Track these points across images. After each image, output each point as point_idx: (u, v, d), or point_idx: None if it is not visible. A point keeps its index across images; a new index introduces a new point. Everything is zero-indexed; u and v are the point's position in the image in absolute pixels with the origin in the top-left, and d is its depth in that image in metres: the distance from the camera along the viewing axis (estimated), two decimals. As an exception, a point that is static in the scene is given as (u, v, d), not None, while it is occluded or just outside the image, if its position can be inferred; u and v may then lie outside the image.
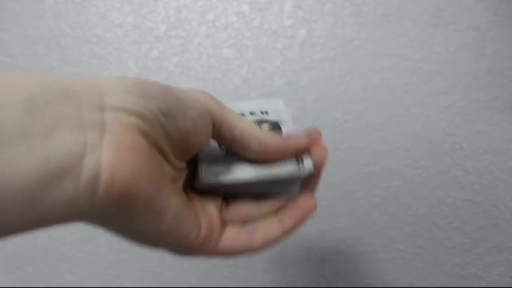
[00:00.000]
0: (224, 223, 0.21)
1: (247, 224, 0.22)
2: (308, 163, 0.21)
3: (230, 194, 0.22)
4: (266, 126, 0.23)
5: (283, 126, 0.23)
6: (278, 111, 0.24)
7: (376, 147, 0.44)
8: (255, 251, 0.21)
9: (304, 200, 0.23)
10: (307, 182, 0.23)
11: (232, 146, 0.21)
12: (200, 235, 0.19)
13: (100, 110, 0.15)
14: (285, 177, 0.21)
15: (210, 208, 0.21)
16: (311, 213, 0.22)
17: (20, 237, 0.46)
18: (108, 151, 0.14)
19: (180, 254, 0.20)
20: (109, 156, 0.14)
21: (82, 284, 0.44)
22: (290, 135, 0.22)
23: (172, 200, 0.17)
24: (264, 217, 0.22)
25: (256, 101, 0.25)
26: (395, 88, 0.45)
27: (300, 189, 0.23)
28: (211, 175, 0.21)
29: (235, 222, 0.22)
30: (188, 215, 0.19)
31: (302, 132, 0.22)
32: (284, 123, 0.24)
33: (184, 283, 0.47)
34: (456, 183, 0.43)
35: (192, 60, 0.47)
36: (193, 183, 0.21)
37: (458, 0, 0.45)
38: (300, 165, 0.21)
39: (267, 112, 0.24)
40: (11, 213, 0.13)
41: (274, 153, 0.21)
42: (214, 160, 0.22)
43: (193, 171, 0.22)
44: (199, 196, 0.21)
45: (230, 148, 0.21)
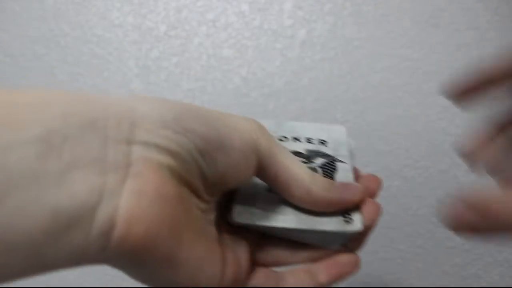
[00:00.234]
0: (254, 265, 0.19)
1: (277, 268, 0.20)
2: (358, 221, 0.19)
3: (266, 234, 0.20)
4: (319, 162, 0.20)
5: (339, 165, 0.21)
6: (338, 143, 0.22)
7: (376, 147, 0.44)
8: None
9: (346, 257, 0.20)
10: (352, 239, 0.20)
11: (275, 188, 0.19)
12: (225, 281, 0.17)
13: (128, 145, 0.13)
14: (329, 231, 0.19)
15: (241, 248, 0.19)
16: (352, 272, 0.20)
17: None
18: (127, 200, 0.13)
19: None
20: (127, 206, 0.13)
21: (82, 284, 0.44)
22: (344, 186, 0.19)
23: (195, 250, 0.15)
24: (296, 265, 0.20)
25: (317, 125, 0.22)
26: (395, 88, 0.45)
27: (342, 245, 0.20)
28: (245, 216, 0.19)
29: (265, 265, 0.20)
30: (212, 262, 0.16)
31: (357, 186, 0.19)
32: (341, 160, 0.21)
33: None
34: (456, 183, 0.43)
35: (192, 60, 0.47)
36: (227, 216, 0.19)
37: (458, 0, 0.45)
38: (348, 220, 0.19)
39: (325, 142, 0.21)
40: (9, 266, 0.11)
41: (323, 205, 0.18)
42: (252, 196, 0.19)
43: (230, 202, 0.20)
44: (232, 231, 0.19)
45: (273, 189, 0.19)
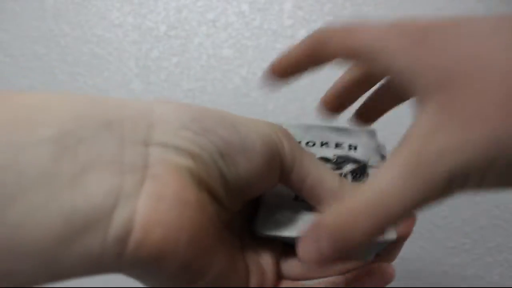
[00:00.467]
0: (280, 277, 0.18)
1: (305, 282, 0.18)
2: (391, 230, 0.17)
3: (292, 246, 0.19)
4: (349, 168, 0.19)
5: (370, 171, 0.19)
6: (369, 148, 0.20)
7: (376, 147, 0.44)
8: None
9: (381, 267, 0.18)
10: (384, 250, 0.19)
11: (301, 195, 0.18)
12: None
13: (145, 147, 0.13)
14: None
15: (266, 260, 0.18)
16: (387, 282, 0.18)
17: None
18: (145, 203, 0.12)
19: None
20: (145, 209, 0.12)
21: (82, 284, 0.44)
22: None
23: (217, 259, 0.14)
24: (326, 278, 0.18)
25: (347, 128, 0.21)
26: (395, 88, 0.45)
27: (374, 256, 0.19)
28: (269, 226, 0.18)
29: (292, 277, 0.18)
30: (235, 272, 0.15)
31: None
32: (372, 166, 0.19)
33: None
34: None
35: (192, 60, 0.47)
36: (251, 226, 0.18)
37: (458, 0, 0.45)
38: None
39: (355, 148, 0.20)
40: (20, 273, 0.11)
41: None
42: (278, 205, 0.18)
43: (254, 210, 0.19)
44: (256, 243, 0.18)
45: (299, 196, 0.18)
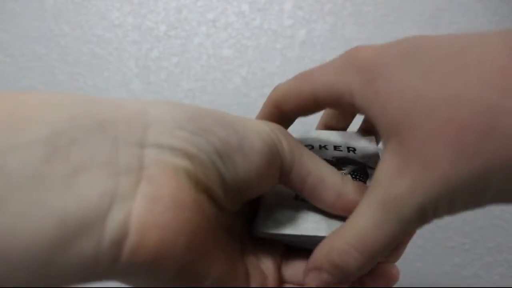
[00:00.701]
0: (282, 281, 0.18)
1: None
2: None
3: (293, 248, 0.19)
4: (348, 169, 0.19)
5: (370, 172, 0.19)
6: (368, 150, 0.20)
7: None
8: None
9: (385, 269, 0.18)
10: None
11: (303, 194, 0.17)
12: None
13: (140, 148, 0.12)
14: None
15: (267, 264, 0.17)
16: (391, 284, 0.18)
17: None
18: (141, 204, 0.12)
19: None
20: (141, 211, 0.11)
21: (82, 284, 0.44)
22: None
23: (216, 263, 0.14)
24: None
25: (345, 132, 0.21)
26: (395, 88, 0.45)
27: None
28: (270, 225, 0.17)
29: (294, 282, 0.18)
30: (234, 277, 0.15)
31: None
32: (372, 167, 0.19)
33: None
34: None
35: (192, 60, 0.47)
36: (251, 228, 0.18)
37: (458, 0, 0.45)
38: None
39: (354, 150, 0.20)
40: (10, 280, 0.10)
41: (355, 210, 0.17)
42: (278, 205, 0.18)
43: (254, 213, 0.18)
44: (257, 247, 0.18)
45: (300, 195, 0.18)
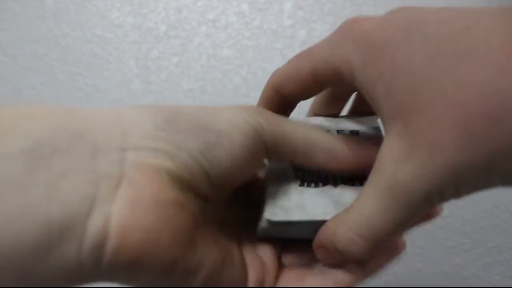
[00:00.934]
0: (281, 267, 0.18)
1: (311, 267, 0.18)
2: None
3: (295, 239, 0.19)
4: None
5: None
6: (371, 134, 0.20)
7: (376, 147, 0.44)
8: None
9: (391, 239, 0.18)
10: None
11: (299, 165, 0.17)
12: (249, 283, 0.16)
13: (121, 153, 0.12)
14: None
15: (265, 252, 0.18)
16: (399, 254, 0.18)
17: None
18: (120, 208, 0.12)
19: None
20: (121, 214, 0.12)
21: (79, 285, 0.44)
22: (374, 142, 0.16)
23: (208, 255, 0.14)
24: None
25: (349, 118, 0.21)
26: (395, 88, 0.45)
27: None
28: (279, 213, 0.17)
29: (295, 266, 0.18)
30: (229, 266, 0.15)
31: None
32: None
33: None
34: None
35: (192, 60, 0.47)
36: (260, 216, 0.18)
37: (458, 1, 0.45)
38: None
39: (357, 133, 0.20)
40: None
41: (353, 166, 0.16)
42: (284, 193, 0.18)
43: (251, 205, 0.18)
44: (254, 236, 0.18)
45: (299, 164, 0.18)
